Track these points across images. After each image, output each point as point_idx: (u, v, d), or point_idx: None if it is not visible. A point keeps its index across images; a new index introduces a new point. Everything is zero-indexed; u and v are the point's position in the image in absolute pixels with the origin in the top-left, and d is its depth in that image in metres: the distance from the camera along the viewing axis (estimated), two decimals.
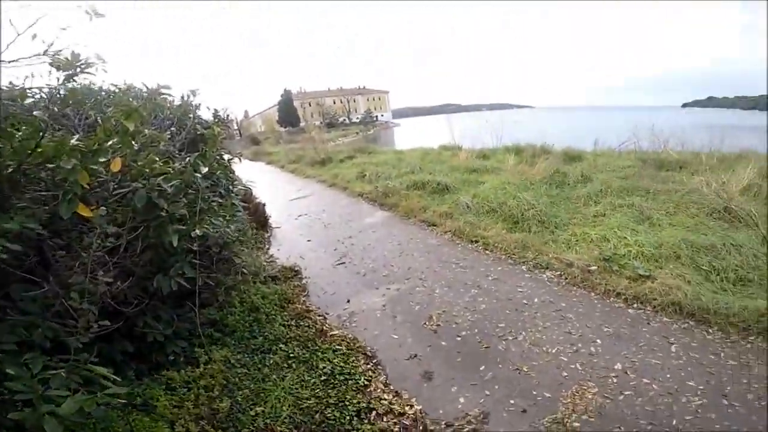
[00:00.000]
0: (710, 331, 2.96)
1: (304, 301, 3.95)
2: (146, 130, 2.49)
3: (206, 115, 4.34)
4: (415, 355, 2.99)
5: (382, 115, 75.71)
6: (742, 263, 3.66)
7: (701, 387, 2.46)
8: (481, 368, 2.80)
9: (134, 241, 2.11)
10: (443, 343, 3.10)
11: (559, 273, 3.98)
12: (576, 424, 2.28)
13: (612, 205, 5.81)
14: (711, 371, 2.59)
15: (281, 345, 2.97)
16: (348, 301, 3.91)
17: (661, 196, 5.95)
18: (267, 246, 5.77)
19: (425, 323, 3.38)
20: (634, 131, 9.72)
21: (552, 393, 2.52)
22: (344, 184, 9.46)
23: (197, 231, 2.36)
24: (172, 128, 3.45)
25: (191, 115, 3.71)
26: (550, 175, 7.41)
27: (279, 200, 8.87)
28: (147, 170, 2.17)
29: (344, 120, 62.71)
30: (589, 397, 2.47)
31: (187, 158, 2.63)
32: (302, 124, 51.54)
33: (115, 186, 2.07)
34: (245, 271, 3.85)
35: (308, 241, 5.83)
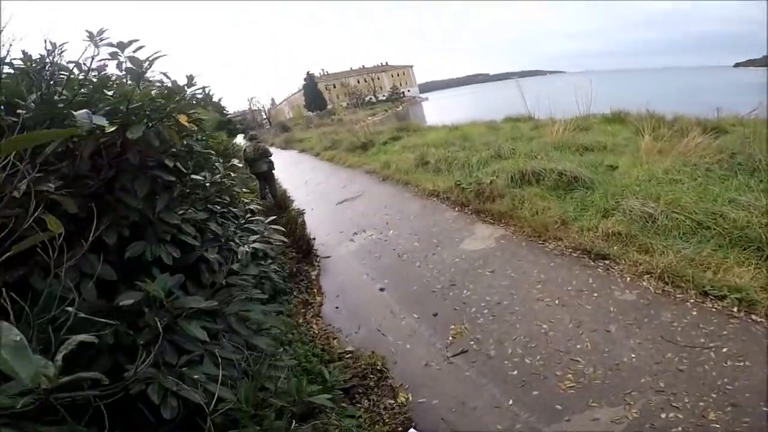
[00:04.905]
0: None
1: None
2: None
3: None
4: None
5: (408, 91, 72.22)
6: None
7: None
8: None
9: None
10: None
11: None
12: None
13: None
14: None
15: None
16: None
17: None
18: (319, 300, 3.60)
19: None
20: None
21: None
22: (403, 176, 7.10)
23: None
24: None
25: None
26: (728, 156, 4.65)
27: (322, 204, 6.71)
28: None
29: (371, 98, 60.02)
30: None
31: None
32: (329, 106, 50.93)
33: None
34: None
35: (381, 290, 3.58)
